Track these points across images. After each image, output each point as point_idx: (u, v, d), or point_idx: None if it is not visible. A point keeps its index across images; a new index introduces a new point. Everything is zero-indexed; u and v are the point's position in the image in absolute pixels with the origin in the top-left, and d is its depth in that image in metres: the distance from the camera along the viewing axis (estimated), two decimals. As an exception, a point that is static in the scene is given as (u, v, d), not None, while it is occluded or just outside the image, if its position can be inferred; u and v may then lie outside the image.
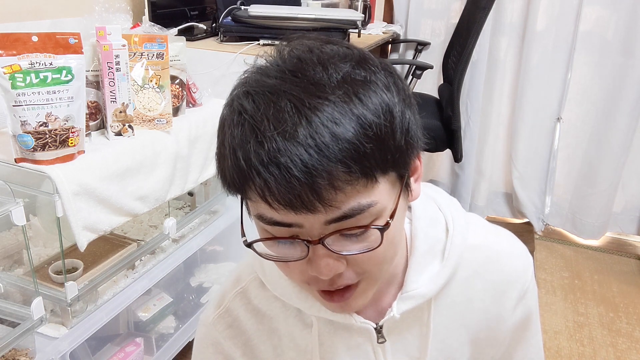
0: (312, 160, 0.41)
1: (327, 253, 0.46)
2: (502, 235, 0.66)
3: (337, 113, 0.42)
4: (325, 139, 0.41)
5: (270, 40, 1.66)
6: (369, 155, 0.43)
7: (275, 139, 0.42)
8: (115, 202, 1.12)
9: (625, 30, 2.13)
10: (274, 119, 0.42)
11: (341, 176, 0.42)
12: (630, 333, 1.84)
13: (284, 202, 0.43)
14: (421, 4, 2.47)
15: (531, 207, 2.49)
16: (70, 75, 1.01)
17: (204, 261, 1.70)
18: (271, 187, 0.42)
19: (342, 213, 0.44)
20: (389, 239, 0.48)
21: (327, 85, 0.43)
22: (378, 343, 0.62)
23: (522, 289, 0.63)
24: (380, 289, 0.60)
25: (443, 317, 0.62)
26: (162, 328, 1.48)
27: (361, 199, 0.44)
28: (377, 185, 0.45)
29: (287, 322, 0.64)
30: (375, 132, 0.43)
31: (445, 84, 2.24)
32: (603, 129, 2.27)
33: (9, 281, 1.12)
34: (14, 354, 1.09)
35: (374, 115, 0.43)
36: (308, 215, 0.44)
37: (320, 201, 0.42)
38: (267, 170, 0.42)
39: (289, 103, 0.43)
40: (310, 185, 0.42)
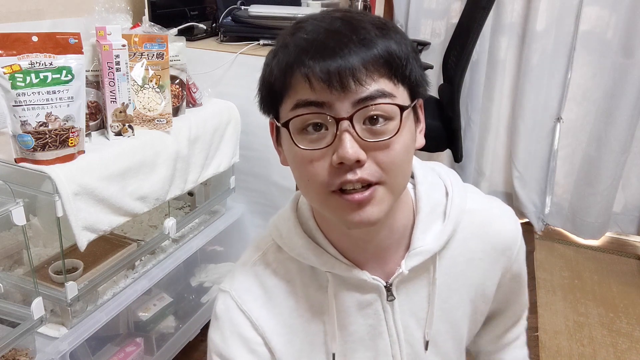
0: (355, 48, 0.52)
1: (352, 133, 0.54)
2: (495, 201, 0.74)
3: (376, 32, 0.54)
4: (367, 40, 0.53)
5: (270, 40, 1.66)
6: (394, 61, 0.54)
7: (327, 35, 0.54)
8: (115, 202, 1.12)
9: (625, 30, 2.13)
10: (326, 29, 0.54)
11: (374, 64, 0.53)
12: (630, 333, 1.84)
13: (324, 78, 0.52)
14: (421, 4, 2.47)
15: (531, 207, 2.49)
16: (70, 75, 1.01)
17: (204, 261, 1.70)
18: (315, 68, 0.52)
19: (369, 93, 0.53)
20: (402, 141, 0.56)
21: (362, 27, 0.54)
22: (388, 301, 0.68)
23: (515, 251, 0.72)
24: (388, 250, 0.66)
25: (446, 276, 0.69)
26: (162, 328, 1.48)
27: (386, 87, 0.54)
28: (398, 88, 0.55)
29: (303, 283, 0.68)
30: (402, 50, 0.55)
31: (445, 84, 2.24)
32: (603, 129, 2.27)
33: (9, 281, 1.12)
34: (14, 354, 1.08)
35: (405, 44, 0.56)
36: (340, 94, 0.53)
37: (354, 78, 0.52)
38: (314, 56, 0.52)
39: (339, 22, 0.55)
40: (348, 66, 0.52)
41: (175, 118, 1.33)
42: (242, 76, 1.59)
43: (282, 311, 0.69)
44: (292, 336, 0.69)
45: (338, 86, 0.52)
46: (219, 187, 1.66)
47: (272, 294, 0.69)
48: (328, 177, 0.55)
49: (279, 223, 0.70)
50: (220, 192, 1.66)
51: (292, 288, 0.69)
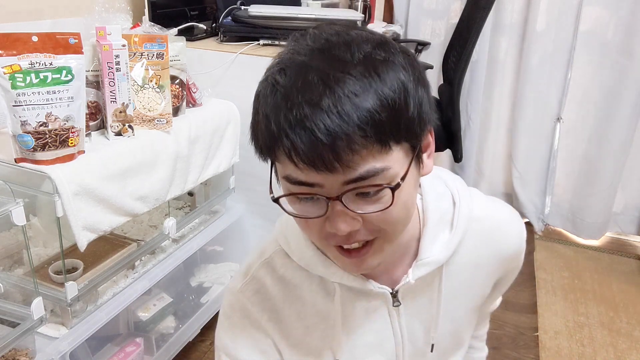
0: (333, 125, 0.47)
1: (343, 210, 0.52)
2: (500, 206, 0.74)
3: (358, 86, 0.48)
4: (346, 107, 0.47)
5: (270, 40, 1.65)
6: (384, 124, 0.48)
7: (302, 106, 0.48)
8: (115, 202, 1.12)
9: (625, 30, 2.13)
10: (302, 90, 0.49)
11: (358, 140, 0.48)
12: (630, 333, 1.84)
13: (307, 162, 0.49)
14: (421, 4, 2.47)
15: (531, 207, 2.49)
16: (70, 75, 1.01)
17: (204, 261, 1.71)
18: (297, 147, 0.48)
19: (358, 174, 0.50)
20: (401, 201, 0.54)
21: (350, 63, 0.49)
22: (393, 306, 0.69)
23: (519, 255, 0.74)
24: (395, 260, 0.67)
25: (453, 282, 0.70)
26: (162, 328, 1.48)
27: (376, 162, 0.50)
28: (391, 152, 0.51)
29: (310, 290, 0.69)
30: (390, 105, 0.49)
31: (445, 84, 2.24)
32: (603, 129, 2.27)
33: (9, 281, 1.12)
34: (14, 354, 1.08)
35: (390, 90, 0.49)
36: (328, 175, 0.50)
37: (339, 161, 0.48)
38: (295, 132, 0.48)
39: (316, 76, 0.49)
40: (331, 147, 0.47)
41: (175, 118, 1.33)
42: (242, 76, 1.59)
43: (289, 314, 0.69)
44: (299, 340, 0.70)
45: (324, 169, 0.49)
46: (219, 187, 1.66)
47: (280, 298, 0.69)
48: (324, 236, 0.56)
49: (287, 232, 0.69)
50: (220, 192, 1.66)
51: (300, 293, 0.69)
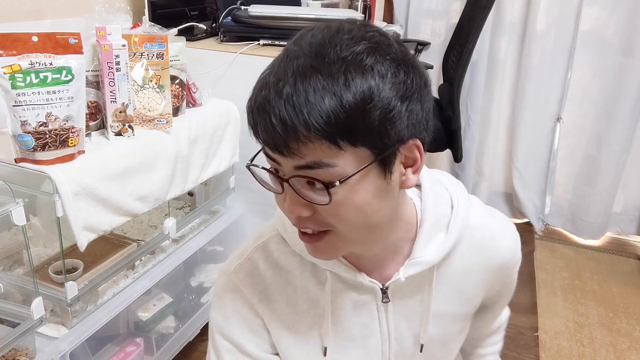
0: (286, 114, 0.50)
1: (293, 194, 0.55)
2: (497, 217, 0.75)
3: (320, 84, 0.50)
4: (301, 100, 0.49)
5: (270, 40, 1.65)
6: (334, 125, 0.50)
7: (270, 90, 0.51)
8: (115, 202, 1.12)
9: (625, 30, 2.13)
10: (276, 77, 0.52)
11: (305, 133, 0.50)
12: (630, 333, 1.84)
13: (263, 142, 0.54)
14: (421, 4, 2.47)
15: (531, 207, 2.49)
16: (70, 75, 1.00)
17: (204, 261, 1.70)
18: (258, 127, 0.53)
19: (305, 163, 0.52)
20: (350, 203, 0.54)
21: (327, 61, 0.51)
22: (382, 302, 0.69)
23: (512, 263, 0.74)
24: (386, 259, 0.68)
25: (443, 285, 0.70)
26: (162, 328, 1.48)
27: (323, 157, 0.51)
28: (343, 152, 0.52)
29: (302, 277, 0.70)
30: (345, 108, 0.49)
31: (445, 84, 2.24)
32: (603, 129, 2.27)
33: (9, 281, 1.11)
34: (14, 354, 1.08)
35: (351, 94, 0.50)
36: (282, 157, 0.53)
37: (287, 149, 0.51)
38: (258, 113, 0.52)
39: (292, 67, 0.52)
40: (281, 133, 0.51)
41: (175, 118, 1.33)
42: (242, 76, 1.59)
43: (280, 299, 0.71)
44: (288, 324, 0.72)
45: (276, 151, 0.53)
46: (218, 187, 1.66)
47: (272, 282, 0.71)
48: (286, 212, 0.59)
49: (285, 218, 0.70)
50: (220, 192, 1.66)
51: (292, 279, 0.71)
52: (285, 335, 0.72)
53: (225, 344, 0.72)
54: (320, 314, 0.71)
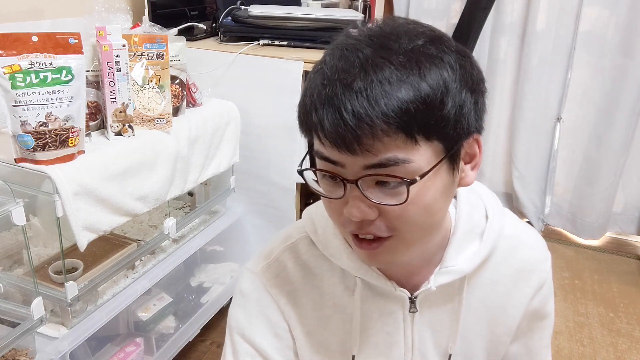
0: (359, 107, 0.47)
1: (359, 196, 0.51)
2: (528, 229, 0.73)
3: (394, 75, 0.48)
4: (376, 92, 0.47)
5: (270, 40, 1.65)
6: (413, 116, 0.48)
7: (336, 85, 0.49)
8: (115, 202, 1.12)
9: (625, 30, 2.13)
10: (341, 70, 0.49)
11: (381, 127, 0.47)
12: (630, 333, 1.84)
13: (331, 139, 0.49)
14: (421, 4, 2.47)
15: (531, 207, 2.49)
16: (70, 75, 1.01)
17: (204, 261, 1.71)
18: (324, 124, 0.49)
19: (378, 160, 0.49)
20: (421, 202, 0.52)
21: (396, 52, 0.49)
22: (410, 312, 0.67)
23: (540, 278, 0.70)
24: (418, 267, 0.66)
25: (470, 296, 0.68)
26: (162, 328, 1.48)
27: (398, 152, 0.49)
28: (418, 147, 0.49)
29: (331, 282, 0.68)
30: (423, 99, 0.48)
31: (445, 84, 2.23)
32: (603, 129, 2.27)
33: (9, 281, 1.11)
34: (14, 354, 1.08)
35: (428, 85, 0.48)
36: (349, 156, 0.50)
37: (360, 144, 0.48)
38: (324, 108, 0.49)
39: (357, 59, 0.49)
40: (353, 129, 0.47)
41: (175, 118, 1.33)
42: (242, 76, 1.59)
43: (306, 302, 0.69)
44: (312, 329, 0.69)
45: (345, 150, 0.49)
46: (219, 187, 1.66)
47: (299, 284, 0.69)
48: (343, 220, 0.55)
49: (316, 219, 0.69)
50: (220, 192, 1.66)
51: (319, 283, 0.69)
52: (309, 341, 0.69)
53: (245, 346, 0.69)
54: (346, 320, 0.68)
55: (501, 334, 0.71)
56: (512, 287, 0.69)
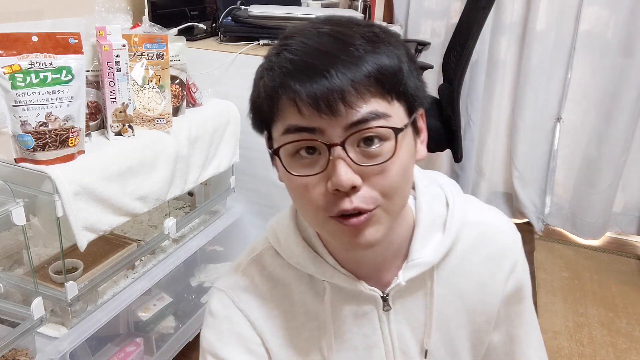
0: (342, 68, 0.50)
1: (346, 160, 0.52)
2: (494, 213, 0.72)
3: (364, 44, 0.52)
4: (353, 55, 0.51)
5: (270, 40, 1.65)
6: (386, 76, 0.52)
7: (310, 56, 0.51)
8: (115, 202, 1.12)
9: (625, 30, 2.13)
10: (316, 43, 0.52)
11: (364, 82, 0.50)
12: (630, 333, 1.84)
13: (312, 104, 0.50)
14: (421, 4, 2.47)
15: (531, 207, 2.49)
16: (70, 75, 1.01)
17: (204, 261, 1.70)
18: (301, 91, 0.50)
19: (361, 116, 0.51)
20: (399, 161, 0.54)
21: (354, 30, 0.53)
22: (384, 311, 0.67)
23: (512, 261, 0.70)
24: (386, 263, 0.66)
25: (443, 288, 0.68)
26: (162, 328, 1.48)
27: (379, 107, 0.52)
28: (393, 103, 0.53)
29: (299, 290, 0.68)
30: (391, 64, 0.52)
31: (445, 84, 2.24)
32: (603, 129, 2.27)
33: (9, 281, 1.12)
34: (14, 354, 1.08)
35: (391, 54, 0.53)
36: (331, 119, 0.51)
37: (343, 101, 0.50)
38: (299, 79, 0.50)
39: (326, 35, 0.53)
40: (336, 88, 0.49)
41: (175, 118, 1.33)
42: (242, 76, 1.59)
43: (277, 314, 0.68)
44: (287, 340, 0.69)
45: (327, 110, 0.50)
46: (219, 187, 1.66)
47: (268, 296, 0.68)
48: (325, 203, 0.54)
49: (278, 229, 0.69)
50: (220, 192, 1.66)
51: (289, 292, 0.68)
52: (285, 352, 0.69)
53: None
54: (320, 327, 0.68)
55: (482, 322, 0.71)
56: (486, 275, 0.69)
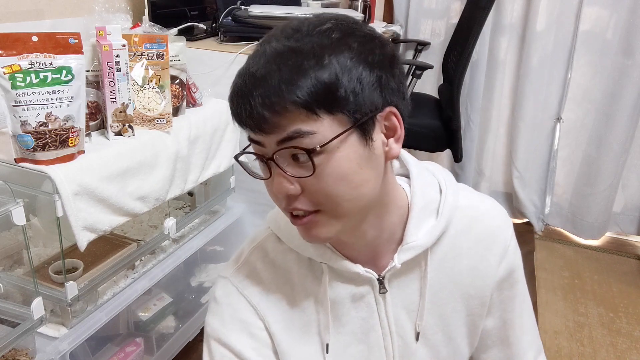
0: (263, 93, 0.53)
1: (279, 172, 0.57)
2: (486, 199, 0.75)
3: (292, 62, 0.53)
4: (275, 78, 0.53)
5: (270, 40, 1.65)
6: (311, 96, 0.53)
7: (245, 76, 0.55)
8: (115, 202, 1.12)
9: (625, 30, 2.13)
10: (251, 62, 0.56)
11: (284, 106, 0.53)
12: (630, 333, 1.84)
13: (246, 124, 0.56)
14: (421, 4, 2.47)
15: (531, 207, 2.49)
16: (70, 75, 1.01)
17: (204, 261, 1.70)
18: (240, 112, 0.55)
19: (286, 135, 0.54)
20: (334, 172, 0.56)
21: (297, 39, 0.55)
22: (380, 294, 0.69)
23: (503, 245, 0.72)
24: (381, 248, 0.68)
25: (437, 271, 0.70)
26: (162, 328, 1.48)
27: (303, 126, 0.54)
28: (321, 120, 0.54)
29: (299, 274, 0.71)
30: (319, 82, 0.53)
31: (445, 84, 2.24)
32: (603, 129, 2.27)
33: (9, 281, 1.12)
34: (14, 354, 1.09)
35: (323, 69, 0.53)
36: (264, 135, 0.55)
37: (267, 124, 0.54)
38: (238, 96, 0.55)
39: (264, 51, 0.56)
40: (259, 112, 0.53)
41: (175, 118, 1.33)
42: (242, 76, 1.58)
43: (279, 298, 0.71)
44: (288, 323, 0.71)
45: (258, 130, 0.55)
46: (219, 187, 1.66)
47: (270, 282, 0.71)
48: (277, 201, 0.61)
49: (278, 215, 0.72)
50: (220, 192, 1.66)
51: (289, 277, 0.71)
52: (286, 336, 0.71)
53: (222, 350, 0.70)
54: (318, 311, 0.70)
55: (475, 306, 0.73)
56: (477, 259, 0.71)
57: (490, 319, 0.76)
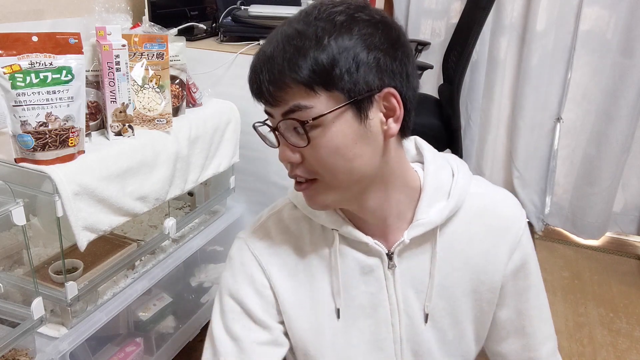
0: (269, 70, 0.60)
1: (282, 141, 0.64)
2: (500, 190, 0.77)
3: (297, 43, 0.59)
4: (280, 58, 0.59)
5: (270, 40, 1.65)
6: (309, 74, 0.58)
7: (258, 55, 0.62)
8: (115, 202, 1.12)
9: (625, 30, 2.13)
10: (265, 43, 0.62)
11: (286, 82, 0.59)
12: (630, 333, 1.84)
13: (255, 94, 0.63)
14: (421, 4, 2.47)
15: (531, 207, 2.49)
16: (70, 75, 1.01)
17: (204, 261, 1.70)
18: (253, 84, 0.63)
19: (287, 108, 0.60)
20: (329, 144, 0.61)
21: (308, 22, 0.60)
22: (389, 268, 0.72)
23: (516, 235, 0.73)
24: (390, 224, 0.72)
25: (447, 252, 0.72)
26: (162, 328, 1.48)
27: (302, 100, 0.60)
28: (318, 96, 0.60)
29: (312, 240, 0.75)
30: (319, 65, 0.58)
31: (445, 84, 2.24)
32: (603, 129, 2.27)
33: (9, 281, 1.12)
34: (14, 354, 1.09)
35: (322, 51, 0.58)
36: (271, 107, 0.63)
37: (271, 96, 0.61)
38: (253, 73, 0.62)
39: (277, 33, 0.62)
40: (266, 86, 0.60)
41: (175, 118, 1.33)
42: (242, 76, 1.57)
43: (289, 262, 0.75)
44: (296, 286, 0.75)
45: (266, 103, 0.63)
46: (219, 187, 1.66)
47: (282, 246, 0.76)
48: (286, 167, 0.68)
49: None
50: (220, 192, 1.66)
51: (302, 243, 0.75)
52: (293, 298, 0.74)
53: (231, 303, 0.75)
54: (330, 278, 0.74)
55: (485, 292, 0.74)
56: (489, 244, 0.73)
57: (504, 310, 0.76)
